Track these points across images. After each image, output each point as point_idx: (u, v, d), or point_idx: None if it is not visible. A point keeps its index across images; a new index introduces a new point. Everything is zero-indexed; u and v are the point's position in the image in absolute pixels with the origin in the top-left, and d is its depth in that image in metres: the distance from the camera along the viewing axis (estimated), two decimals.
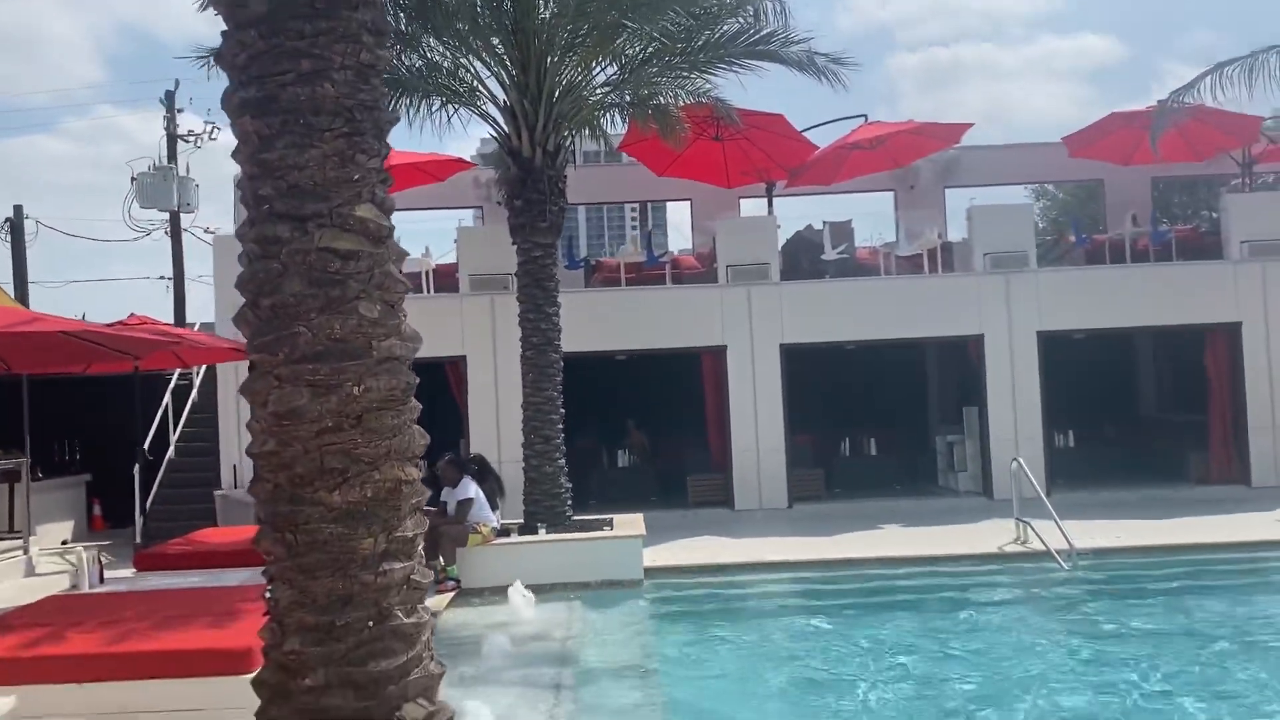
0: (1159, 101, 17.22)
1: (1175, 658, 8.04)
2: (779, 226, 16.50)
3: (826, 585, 10.99)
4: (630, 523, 11.91)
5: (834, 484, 16.36)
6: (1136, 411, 19.18)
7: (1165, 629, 9.00)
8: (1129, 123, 17.32)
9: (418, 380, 3.23)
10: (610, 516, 12.33)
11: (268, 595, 3.07)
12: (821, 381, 17.03)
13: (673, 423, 17.15)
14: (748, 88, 19.73)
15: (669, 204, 23.70)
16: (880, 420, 17.95)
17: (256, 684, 3.11)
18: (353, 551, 2.98)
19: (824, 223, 16.96)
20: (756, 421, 15.54)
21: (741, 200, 19.51)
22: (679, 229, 26.00)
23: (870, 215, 24.21)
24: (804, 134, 16.71)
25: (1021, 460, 12.73)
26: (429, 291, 15.68)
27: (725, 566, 11.73)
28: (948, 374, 18.78)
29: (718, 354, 15.73)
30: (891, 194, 19.65)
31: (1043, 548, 11.37)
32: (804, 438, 16.30)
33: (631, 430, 17.08)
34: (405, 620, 3.07)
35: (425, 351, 3.35)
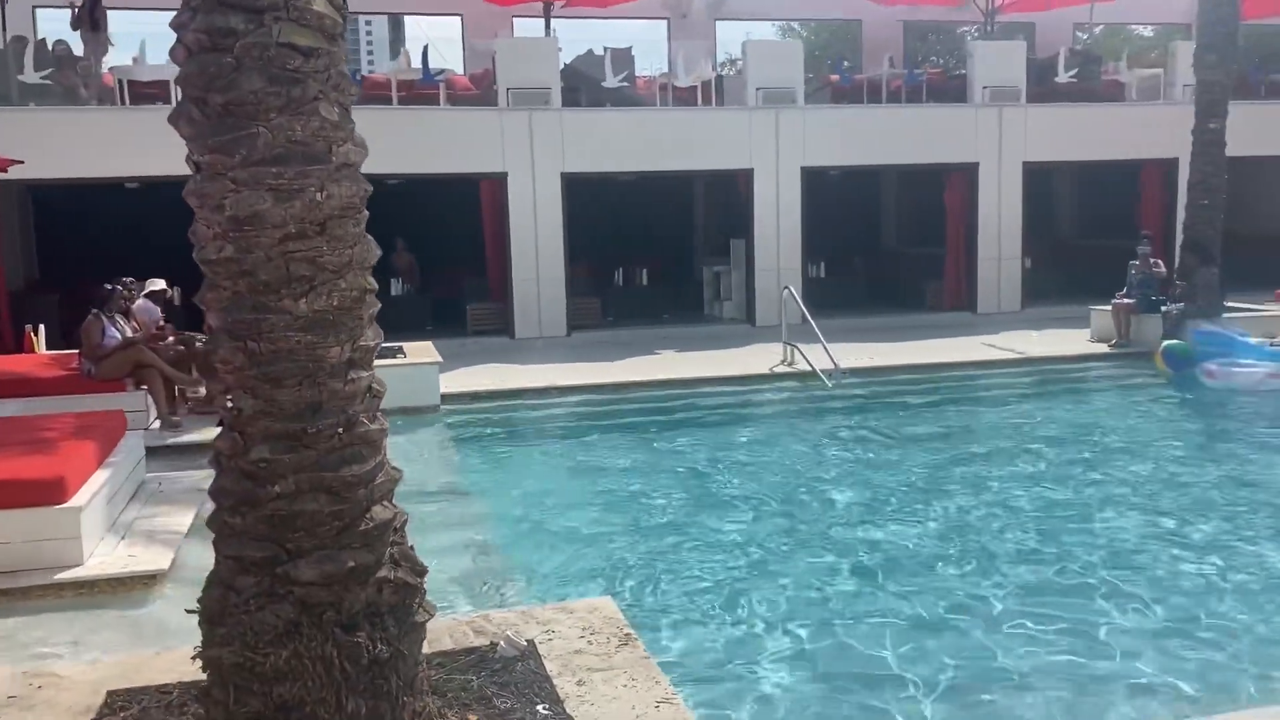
0: None
1: (928, 456, 9.21)
2: (560, 50, 16.23)
3: (616, 406, 11.51)
4: (422, 350, 11.84)
5: (608, 313, 16.85)
6: (880, 245, 20.84)
7: (919, 434, 10.21)
8: None
9: (371, 188, 3.15)
10: (399, 344, 12.20)
11: (228, 404, 2.98)
12: (597, 212, 17.28)
13: (449, 251, 16.92)
14: None
15: (430, 18, 22.53)
16: (651, 250, 18.52)
17: (216, 492, 3.06)
18: (321, 360, 2.93)
19: (605, 49, 16.83)
20: (537, 251, 15.63)
21: (515, 20, 18.96)
22: (436, 47, 24.81)
23: (643, 44, 24.16)
24: None
25: (792, 288, 13.64)
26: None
27: (520, 391, 11.97)
28: (715, 206, 19.54)
29: (498, 181, 15.54)
30: (665, 22, 19.69)
31: (809, 368, 12.40)
32: (581, 267, 16.59)
33: (399, 250, 16.45)
34: (371, 426, 3.09)
35: None
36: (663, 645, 5.18)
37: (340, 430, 2.98)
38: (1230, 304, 13.74)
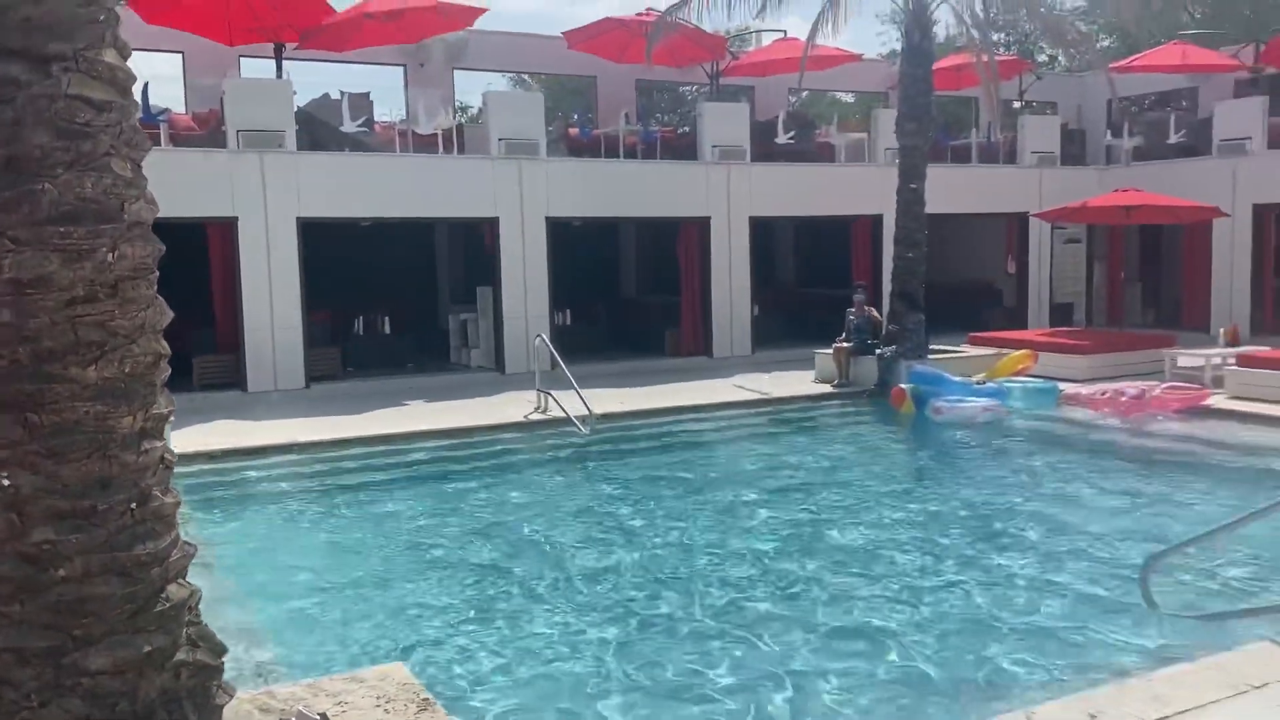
0: (648, 10, 19.08)
1: (682, 493, 9.61)
2: (294, 92, 15.72)
3: (366, 460, 11.19)
4: None
5: (349, 363, 16.35)
6: (621, 293, 21.50)
7: (674, 473, 10.60)
8: (621, 26, 19.00)
9: (164, 248, 2.95)
10: None
11: (4, 483, 2.67)
12: (336, 258, 16.78)
13: (172, 301, 15.81)
14: None
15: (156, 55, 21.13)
16: (394, 298, 18.18)
17: None
18: (112, 431, 2.70)
19: (342, 93, 16.47)
20: (271, 298, 14.96)
21: (243, 59, 18.18)
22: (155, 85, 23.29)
23: (380, 90, 23.76)
24: None
25: (544, 336, 13.82)
26: None
27: (260, 449, 11.36)
28: (460, 254, 19.47)
29: (227, 226, 14.77)
30: (402, 69, 19.52)
31: (564, 415, 12.58)
32: (319, 315, 16.02)
33: None
34: (165, 500, 2.88)
35: None
36: (463, 706, 5.10)
37: (133, 506, 2.77)
38: (934, 346, 15.23)
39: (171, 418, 2.97)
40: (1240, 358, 13.56)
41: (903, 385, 13.27)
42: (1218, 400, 12.80)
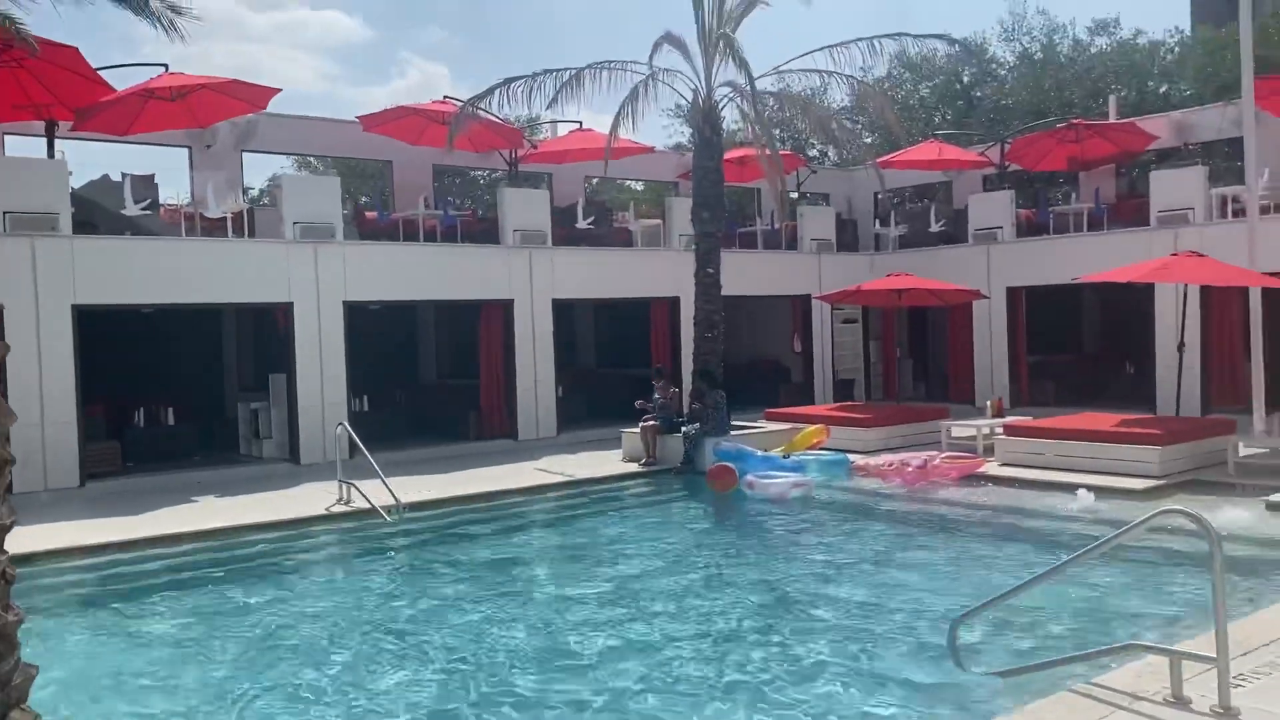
0: (445, 99, 19.24)
1: (496, 582, 9.49)
2: (70, 173, 14.81)
3: (156, 563, 10.47)
4: None
5: (129, 457, 15.29)
6: (421, 377, 21.16)
7: (485, 561, 10.45)
8: (416, 113, 19.06)
9: (10, 347, 2.73)
10: None
11: None
12: (115, 347, 15.78)
13: None
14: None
15: None
16: (178, 387, 17.19)
17: None
18: None
19: (123, 174, 15.64)
20: (42, 391, 13.86)
21: (7, 137, 17.01)
22: None
23: (164, 171, 22.61)
24: (99, 73, 15.17)
25: (345, 423, 13.40)
26: None
27: (31, 555, 10.39)
28: (250, 340, 18.66)
29: None
30: (186, 150, 18.75)
31: (368, 505, 12.20)
32: (96, 408, 14.95)
33: None
34: (8, 618, 2.63)
35: None
36: None
37: None
38: (734, 422, 15.81)
39: (13, 528, 2.74)
40: (1006, 427, 14.80)
41: (726, 464, 13.58)
42: (990, 467, 13.89)
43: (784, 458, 14.06)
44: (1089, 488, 12.21)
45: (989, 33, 36.37)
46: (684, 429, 15.02)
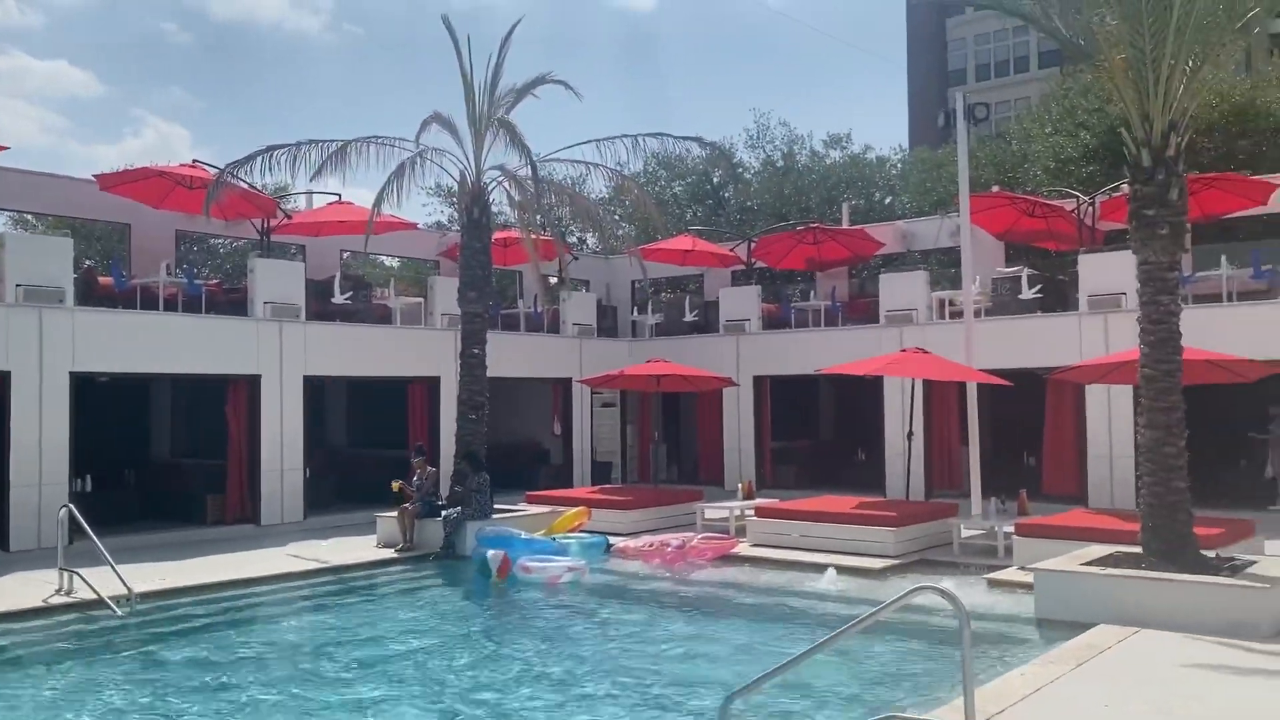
0: (194, 162, 18.30)
1: (233, 679, 8.81)
2: None
3: None
4: None
5: None
6: (153, 456, 19.57)
7: (224, 659, 9.68)
8: (161, 175, 17.99)
9: None
10: None
11: None
12: None
13: None
14: None
15: None
16: None
17: None
18: None
19: None
20: None
21: None
22: None
23: None
24: None
25: (71, 506, 12.16)
26: None
27: None
28: None
29: None
30: None
31: (95, 596, 11.08)
32: None
33: None
34: None
35: None
36: None
37: None
38: (496, 505, 15.60)
39: None
40: (757, 509, 15.46)
41: (499, 551, 13.23)
42: (743, 548, 14.43)
43: (552, 541, 14.01)
44: (835, 567, 12.91)
45: (736, 139, 38.89)
46: (444, 513, 14.68)
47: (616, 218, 32.87)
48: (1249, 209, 19.14)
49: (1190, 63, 9.98)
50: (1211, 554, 10.16)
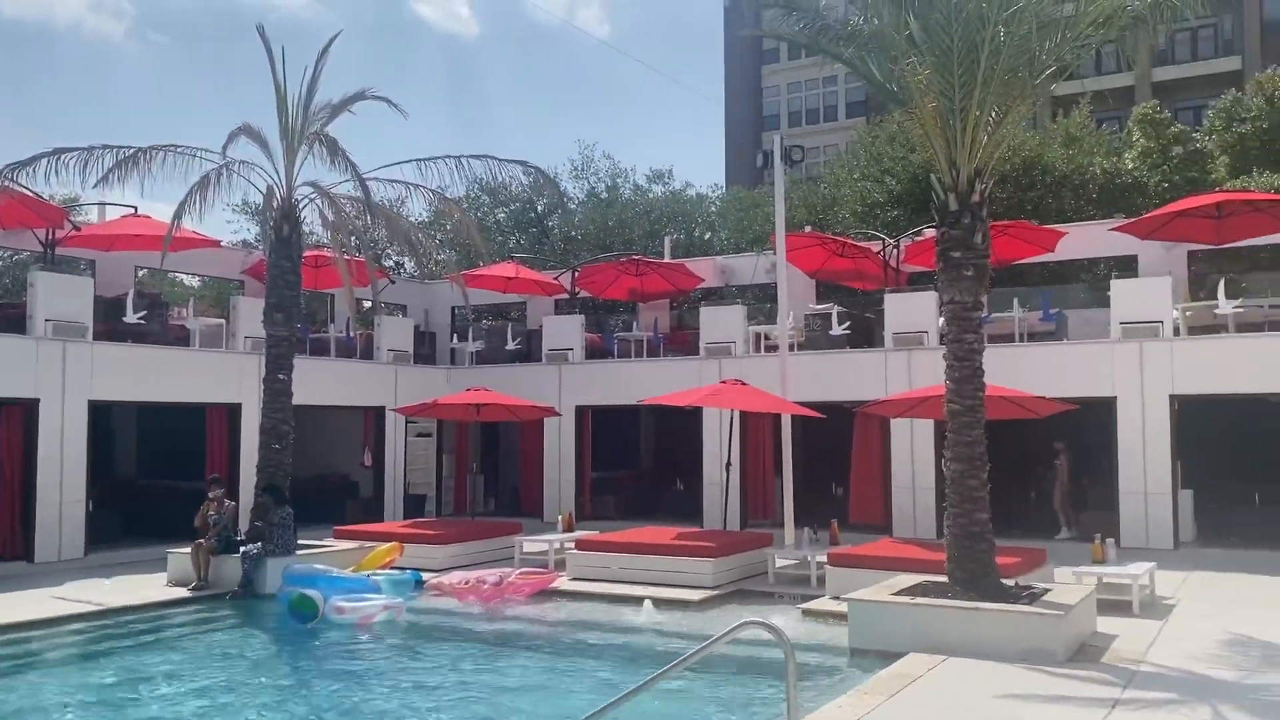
0: None
1: None
2: None
3: None
4: None
5: None
6: None
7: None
8: None
9: None
10: None
11: None
12: None
13: None
14: None
15: None
16: None
17: None
18: None
19: None
20: None
21: None
22: None
23: None
24: None
25: None
26: None
27: None
28: None
29: None
30: None
31: None
32: None
33: None
34: None
35: None
36: None
37: None
38: (301, 541, 14.74)
39: None
40: (577, 542, 15.22)
41: (307, 591, 12.36)
42: (563, 582, 14.15)
43: (367, 577, 13.30)
44: (652, 600, 12.81)
45: (561, 169, 38.91)
46: (243, 549, 13.74)
47: (437, 242, 32.17)
48: (1038, 256, 20.55)
49: (994, 114, 10.53)
50: (1011, 583, 10.61)
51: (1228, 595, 12.64)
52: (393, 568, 14.57)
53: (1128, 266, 20.53)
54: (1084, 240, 20.81)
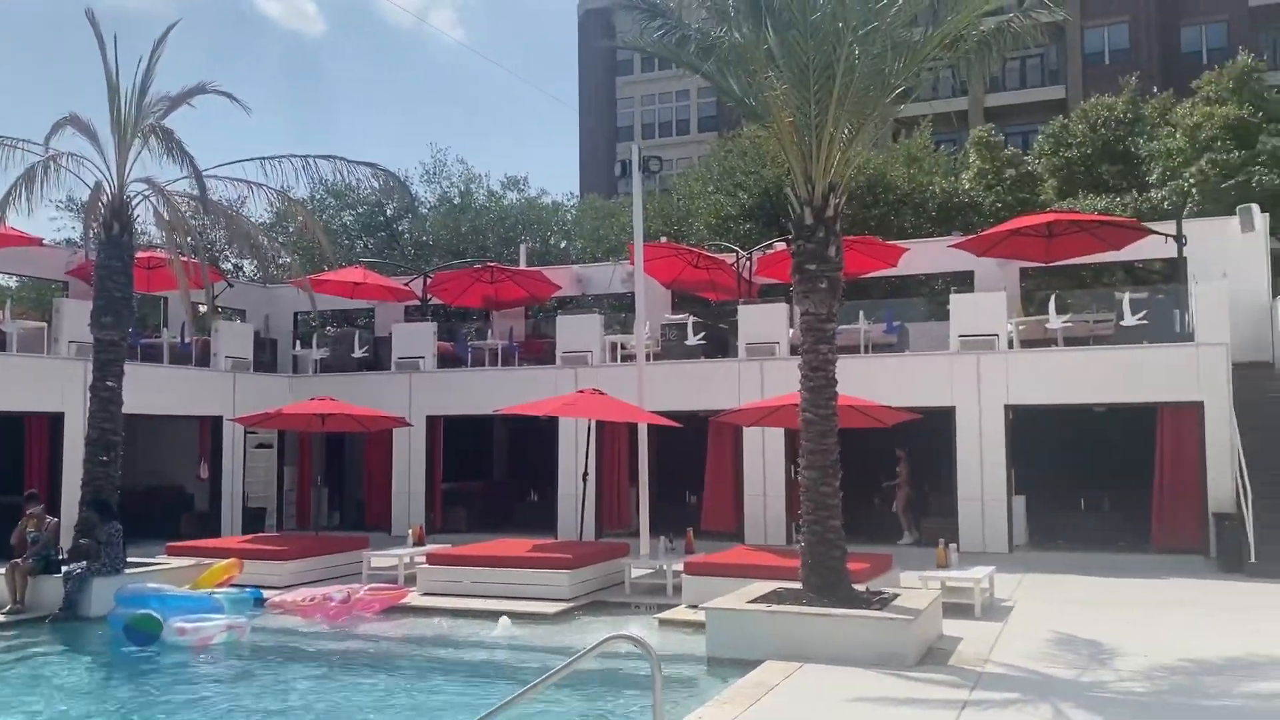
0: None
1: None
2: None
3: None
4: None
5: None
6: None
7: None
8: None
9: None
10: None
11: None
12: None
13: None
14: None
15: None
16: None
17: None
18: None
19: None
20: None
21: None
22: None
23: None
24: None
25: None
26: None
27: None
28: None
29: None
30: None
31: None
32: None
33: None
34: None
35: None
36: None
37: None
38: (130, 558, 13.81)
39: None
40: (429, 556, 14.81)
41: (151, 611, 11.51)
42: (414, 597, 13.72)
43: (208, 595, 12.54)
44: (509, 614, 12.56)
45: (413, 172, 38.06)
46: (65, 568, 12.78)
47: (280, 244, 30.94)
48: (882, 270, 21.28)
49: (848, 130, 10.79)
50: (862, 588, 10.86)
51: (1058, 596, 13.30)
52: (232, 585, 13.83)
53: (965, 282, 21.51)
54: (924, 256, 21.68)
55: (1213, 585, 14.09)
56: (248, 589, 13.56)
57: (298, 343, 24.43)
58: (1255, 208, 19.59)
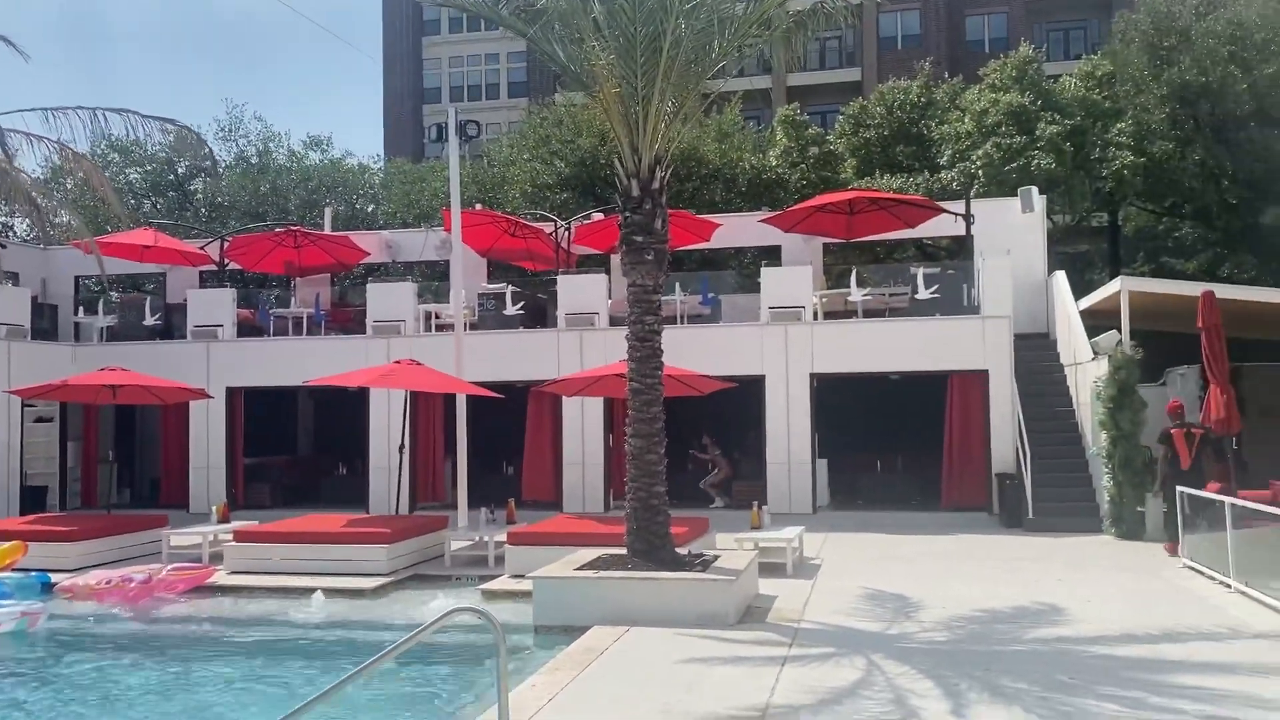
0: None
1: None
2: None
3: None
4: None
5: None
6: None
7: None
8: None
9: None
10: None
11: None
12: None
13: None
14: None
15: None
16: None
17: None
18: None
19: None
20: None
21: None
22: None
23: None
24: None
25: None
26: None
27: None
28: None
29: None
30: None
31: None
32: None
33: None
34: None
35: None
36: None
37: None
38: None
39: None
40: (236, 533, 14.16)
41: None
42: (221, 576, 13.10)
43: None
44: (323, 590, 12.19)
45: (207, 129, 35.81)
46: None
47: (56, 202, 28.52)
48: (696, 244, 21.74)
49: (673, 103, 10.93)
50: (684, 551, 11.16)
51: (861, 554, 14.08)
52: (14, 569, 12.79)
53: (773, 256, 22.26)
54: (735, 231, 22.29)
55: (996, 540, 15.28)
56: (33, 573, 12.59)
57: (80, 309, 22.70)
58: (1034, 190, 21.18)
